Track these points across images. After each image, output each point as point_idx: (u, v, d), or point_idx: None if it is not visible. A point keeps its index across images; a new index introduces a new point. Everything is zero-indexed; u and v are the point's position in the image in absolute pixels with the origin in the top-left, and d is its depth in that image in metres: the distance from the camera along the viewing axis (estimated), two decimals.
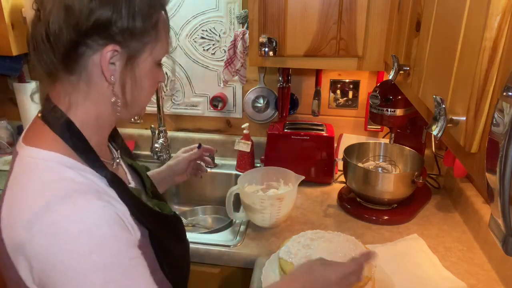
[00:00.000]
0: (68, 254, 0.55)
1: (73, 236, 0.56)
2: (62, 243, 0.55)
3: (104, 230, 0.58)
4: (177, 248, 0.80)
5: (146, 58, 0.66)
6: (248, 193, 1.21)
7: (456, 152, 0.58)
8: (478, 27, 0.47)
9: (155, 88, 0.73)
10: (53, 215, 0.56)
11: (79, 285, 0.56)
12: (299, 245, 0.97)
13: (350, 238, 1.00)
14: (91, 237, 0.56)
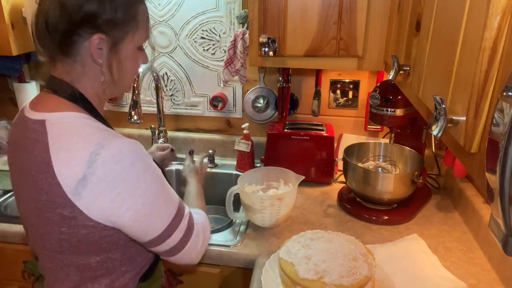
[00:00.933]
0: (132, 174, 0.72)
1: (131, 162, 0.72)
2: (124, 167, 0.71)
3: (146, 158, 0.76)
4: None
5: (128, 43, 0.79)
6: (248, 193, 1.21)
7: (456, 152, 0.58)
8: (478, 27, 0.47)
9: (137, 68, 0.86)
10: (109, 150, 0.71)
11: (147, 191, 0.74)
12: (299, 245, 0.97)
13: (350, 238, 1.00)
14: (141, 162, 0.74)
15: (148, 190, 0.75)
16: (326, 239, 0.99)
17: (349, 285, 0.84)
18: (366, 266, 0.88)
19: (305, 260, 0.91)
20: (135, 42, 0.81)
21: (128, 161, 0.72)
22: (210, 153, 1.66)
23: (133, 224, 0.75)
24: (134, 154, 0.73)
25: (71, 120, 0.75)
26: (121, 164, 0.71)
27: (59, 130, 0.74)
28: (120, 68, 0.80)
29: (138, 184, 0.73)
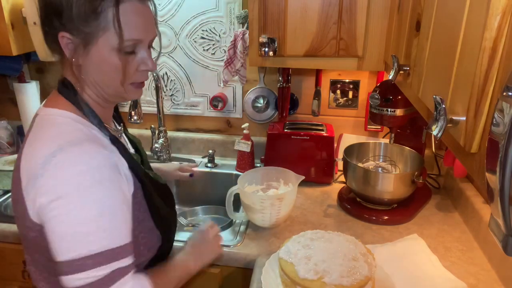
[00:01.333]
0: (73, 185, 0.67)
1: (81, 171, 0.68)
2: (71, 175, 0.68)
3: (105, 173, 0.70)
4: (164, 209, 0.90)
5: (101, 47, 0.73)
6: (248, 193, 1.21)
7: (456, 152, 0.58)
8: (478, 27, 0.47)
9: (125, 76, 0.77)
10: (66, 154, 0.68)
11: (77, 212, 0.67)
12: (299, 245, 0.97)
13: (350, 238, 1.00)
14: (94, 175, 0.69)
15: (81, 209, 0.68)
16: (326, 239, 0.99)
17: (349, 285, 0.83)
18: (366, 266, 0.88)
19: (305, 260, 0.90)
20: (111, 44, 0.73)
21: (79, 169, 0.68)
22: (210, 153, 1.66)
23: (49, 236, 0.69)
24: (89, 163, 0.69)
25: (52, 116, 0.75)
26: (69, 171, 0.68)
27: (38, 125, 0.75)
28: (94, 70, 0.76)
29: (76, 198, 0.67)
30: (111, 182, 0.71)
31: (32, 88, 1.68)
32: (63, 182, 0.67)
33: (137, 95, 0.82)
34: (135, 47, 0.76)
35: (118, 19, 0.72)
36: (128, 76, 0.77)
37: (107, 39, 0.73)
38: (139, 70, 0.79)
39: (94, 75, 0.76)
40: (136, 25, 0.75)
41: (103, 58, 0.74)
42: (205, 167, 1.67)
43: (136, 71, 0.78)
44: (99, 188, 0.69)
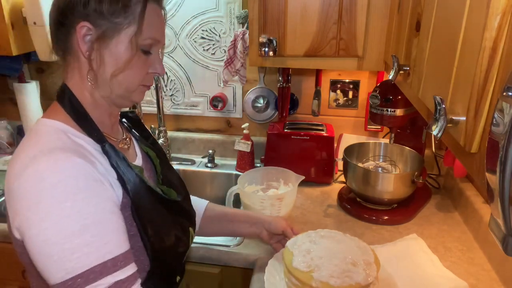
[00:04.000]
0: (47, 200, 0.62)
1: (52, 184, 0.63)
2: (42, 189, 0.63)
3: (80, 183, 0.65)
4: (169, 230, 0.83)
5: (122, 40, 0.72)
6: (248, 193, 1.21)
7: (456, 152, 0.58)
8: (478, 27, 0.47)
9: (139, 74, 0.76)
10: (37, 165, 0.64)
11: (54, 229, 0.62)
12: (307, 239, 0.97)
13: (363, 245, 0.96)
14: (67, 187, 0.63)
15: (57, 225, 0.62)
16: (337, 240, 0.97)
17: (335, 285, 0.82)
18: (363, 274, 0.85)
19: (305, 253, 0.91)
20: (133, 41, 0.72)
21: (49, 182, 0.63)
22: (210, 153, 1.66)
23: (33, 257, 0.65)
24: (60, 175, 0.63)
25: (38, 126, 0.73)
26: (41, 184, 0.63)
27: (28, 134, 0.73)
28: (113, 66, 0.73)
29: (49, 214, 0.62)
30: (89, 192, 0.65)
31: (32, 88, 1.68)
32: (35, 197, 0.63)
33: (142, 97, 0.81)
34: (151, 48, 0.77)
35: (144, 15, 0.72)
36: (140, 76, 0.77)
37: (128, 33, 0.72)
38: (149, 73, 0.78)
39: (108, 70, 0.73)
40: (157, 26, 0.77)
41: (121, 52, 0.73)
42: (205, 167, 1.67)
43: (147, 73, 0.78)
44: (74, 200, 0.63)
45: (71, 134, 0.72)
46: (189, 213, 0.92)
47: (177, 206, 0.87)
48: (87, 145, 0.73)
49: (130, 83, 0.76)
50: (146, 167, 0.89)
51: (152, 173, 0.91)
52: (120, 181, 0.74)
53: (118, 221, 0.70)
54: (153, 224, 0.77)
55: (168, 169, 0.95)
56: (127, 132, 0.91)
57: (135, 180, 0.76)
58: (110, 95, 0.77)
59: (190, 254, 1.16)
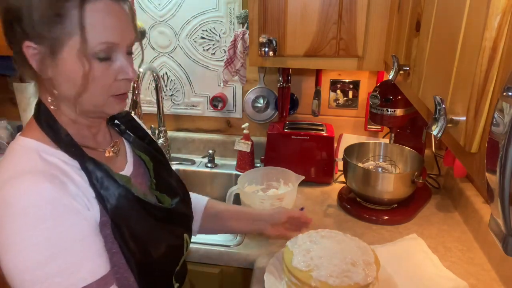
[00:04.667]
0: (13, 227, 0.60)
1: (18, 211, 0.61)
2: (8, 216, 0.61)
3: (48, 209, 0.62)
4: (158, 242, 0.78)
5: (68, 55, 0.65)
6: (248, 193, 1.21)
7: (456, 152, 0.58)
8: (478, 27, 0.47)
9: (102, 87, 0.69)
10: (3, 191, 0.62)
11: (23, 256, 0.60)
12: (308, 239, 0.98)
13: (363, 245, 0.97)
14: (35, 214, 0.61)
15: (26, 252, 0.60)
16: (337, 240, 0.98)
17: (334, 285, 0.83)
18: (362, 274, 0.85)
19: (305, 252, 0.92)
20: (80, 52, 0.65)
21: (14, 209, 0.60)
22: (210, 153, 1.66)
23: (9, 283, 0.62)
24: (25, 202, 0.61)
25: (13, 145, 0.70)
26: (6, 210, 0.61)
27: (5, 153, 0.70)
28: (68, 82, 0.67)
29: (17, 241, 0.60)
30: (57, 219, 0.62)
31: (32, 88, 1.68)
32: (2, 223, 0.61)
33: (119, 108, 0.73)
34: (110, 53, 0.68)
35: (82, 21, 0.63)
36: (106, 87, 0.69)
37: (74, 44, 0.64)
38: (118, 80, 0.70)
39: (66, 88, 0.68)
40: (108, 27, 0.66)
41: (72, 67, 0.66)
42: (205, 167, 1.67)
43: (115, 80, 0.70)
44: (42, 228, 0.60)
45: (44, 153, 0.68)
46: (184, 219, 0.88)
47: (169, 214, 0.82)
48: (61, 163, 0.68)
49: (96, 97, 0.69)
50: (138, 173, 0.85)
51: (145, 179, 0.87)
52: (99, 199, 0.70)
53: (93, 245, 0.67)
54: (137, 239, 0.73)
55: (164, 170, 0.90)
56: (117, 136, 0.87)
57: (120, 194, 0.71)
58: (82, 111, 0.72)
59: (190, 254, 1.16)
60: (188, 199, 0.93)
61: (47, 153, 0.68)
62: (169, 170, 0.92)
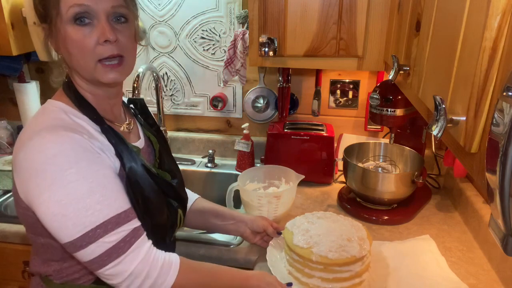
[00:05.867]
0: (51, 167, 0.69)
1: (53, 154, 0.70)
2: (45, 158, 0.70)
3: (79, 153, 0.72)
4: (161, 207, 0.87)
5: (59, 21, 0.74)
6: (246, 190, 1.21)
7: (456, 152, 0.58)
8: (478, 27, 0.47)
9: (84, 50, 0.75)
10: (40, 138, 0.71)
11: (64, 191, 0.69)
12: (305, 220, 1.05)
13: (356, 223, 1.05)
14: (68, 156, 0.70)
15: (67, 188, 0.69)
16: (332, 220, 1.05)
17: (333, 258, 0.91)
18: (357, 248, 0.93)
19: (304, 232, 0.99)
20: (62, 17, 0.74)
21: (51, 153, 0.70)
22: (210, 153, 1.66)
23: (46, 219, 0.71)
24: (60, 147, 0.70)
25: (46, 106, 0.81)
26: (44, 154, 0.70)
27: (34, 114, 0.80)
28: (66, 52, 0.77)
29: (57, 179, 0.69)
30: (89, 160, 0.72)
31: (32, 88, 1.68)
32: (41, 166, 0.70)
33: (112, 77, 0.79)
34: (87, 16, 0.74)
35: None
36: (89, 51, 0.75)
37: (59, 14, 0.73)
38: (100, 44, 0.75)
39: (67, 57, 0.78)
40: None
41: (63, 35, 0.75)
42: (205, 167, 1.67)
43: (98, 44, 0.75)
44: (78, 167, 0.70)
45: (72, 115, 0.78)
46: (181, 197, 0.96)
47: (169, 189, 0.91)
48: (87, 125, 0.78)
49: (83, 63, 0.77)
50: (146, 150, 0.94)
51: (151, 157, 0.95)
52: (118, 156, 0.79)
53: (120, 184, 0.78)
54: (147, 199, 0.81)
55: (167, 155, 0.99)
56: (131, 117, 0.96)
57: (133, 158, 0.81)
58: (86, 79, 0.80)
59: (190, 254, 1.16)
60: (183, 185, 1.01)
61: (74, 115, 0.79)
62: (170, 156, 1.01)
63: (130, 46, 0.81)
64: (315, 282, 0.93)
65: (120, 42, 0.77)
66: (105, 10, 0.75)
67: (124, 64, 0.80)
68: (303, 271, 0.95)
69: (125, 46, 0.79)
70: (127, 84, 1.73)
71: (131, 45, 0.82)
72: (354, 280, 0.93)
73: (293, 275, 0.97)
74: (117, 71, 0.79)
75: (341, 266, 0.91)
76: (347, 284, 0.93)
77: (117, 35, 0.76)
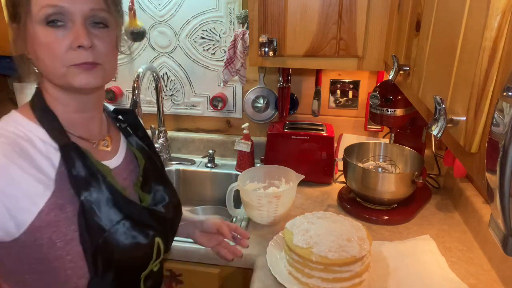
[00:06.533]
0: None
1: None
2: None
3: None
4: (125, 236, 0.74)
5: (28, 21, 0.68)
6: (246, 190, 1.22)
7: (456, 152, 0.58)
8: (478, 27, 0.47)
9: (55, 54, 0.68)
10: None
11: None
12: (305, 220, 1.06)
13: (356, 223, 1.05)
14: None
15: None
16: (332, 220, 1.06)
17: (333, 258, 0.91)
18: (357, 248, 0.93)
19: (303, 232, 1.00)
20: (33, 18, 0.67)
21: None
22: (210, 153, 1.66)
23: None
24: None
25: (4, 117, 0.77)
26: None
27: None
28: (34, 54, 0.70)
29: None
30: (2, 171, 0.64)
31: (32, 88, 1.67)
32: None
33: (85, 79, 0.70)
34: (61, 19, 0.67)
35: None
36: (60, 56, 0.68)
37: (30, 13, 0.66)
38: (74, 48, 0.68)
39: (35, 61, 0.71)
40: None
41: (32, 37, 0.68)
42: (205, 167, 1.67)
43: (70, 49, 0.68)
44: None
45: (22, 126, 0.71)
46: (163, 222, 0.82)
47: (144, 213, 0.78)
48: (37, 139, 0.70)
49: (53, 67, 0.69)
50: (126, 168, 0.83)
51: (132, 176, 0.84)
52: (72, 184, 0.69)
53: None
54: (101, 229, 0.70)
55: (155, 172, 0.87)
56: (116, 130, 0.86)
57: (95, 181, 0.71)
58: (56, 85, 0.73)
59: (189, 254, 1.16)
60: (176, 205, 0.90)
61: (25, 127, 0.71)
62: (161, 174, 0.89)
63: (108, 54, 0.72)
64: (315, 282, 0.93)
65: (97, 49, 0.70)
66: (82, 12, 0.68)
67: (100, 69, 0.71)
68: (303, 271, 0.95)
69: (102, 54, 0.71)
70: (127, 84, 1.73)
71: (110, 53, 0.73)
72: (354, 280, 0.94)
73: (293, 275, 0.97)
74: (91, 73, 0.70)
75: (341, 266, 0.92)
76: (347, 284, 0.93)
77: (94, 41, 0.69)
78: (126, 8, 1.52)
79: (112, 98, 1.72)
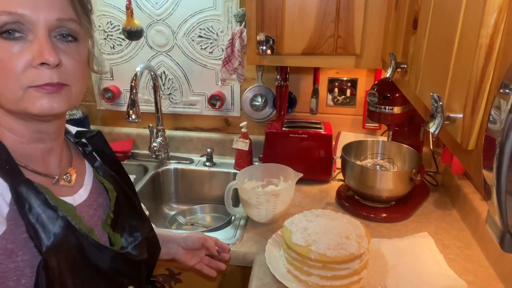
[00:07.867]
0: None
1: None
2: None
3: None
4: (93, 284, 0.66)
5: None
6: (245, 189, 1.22)
7: (453, 149, 0.58)
8: (474, 25, 0.47)
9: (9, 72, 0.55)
10: None
11: None
12: (303, 218, 1.05)
13: (354, 221, 1.05)
14: None
15: None
16: (330, 218, 1.06)
17: (332, 256, 0.91)
18: (356, 246, 0.93)
19: (302, 230, 1.00)
20: None
21: None
22: (208, 152, 1.66)
23: None
24: None
25: None
26: None
27: None
28: None
29: None
30: None
31: None
32: None
33: (45, 105, 0.58)
34: (22, 30, 0.55)
35: None
36: (16, 74, 0.55)
37: None
38: (35, 66, 0.56)
39: None
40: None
41: None
42: (204, 166, 1.67)
43: (30, 66, 0.56)
44: None
45: None
46: (136, 266, 0.74)
47: (116, 259, 0.69)
48: None
49: (4, 86, 0.56)
50: (94, 203, 0.73)
51: (101, 211, 0.74)
52: (28, 231, 0.58)
53: None
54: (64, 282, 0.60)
55: (128, 206, 0.78)
56: (80, 159, 0.75)
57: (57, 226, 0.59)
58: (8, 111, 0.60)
59: None
60: (152, 242, 0.81)
61: None
62: (134, 206, 0.80)
63: (76, 73, 0.60)
64: (313, 279, 0.94)
65: (64, 67, 0.58)
66: (47, 22, 0.56)
67: (66, 92, 0.59)
68: (301, 269, 0.95)
69: (70, 73, 0.59)
70: (124, 83, 1.73)
71: (79, 71, 0.61)
72: (352, 278, 0.94)
73: (292, 273, 0.98)
74: (55, 97, 0.58)
75: (340, 264, 0.92)
76: (346, 281, 0.93)
77: (61, 57, 0.57)
78: (123, 7, 1.52)
79: (110, 98, 1.72)
